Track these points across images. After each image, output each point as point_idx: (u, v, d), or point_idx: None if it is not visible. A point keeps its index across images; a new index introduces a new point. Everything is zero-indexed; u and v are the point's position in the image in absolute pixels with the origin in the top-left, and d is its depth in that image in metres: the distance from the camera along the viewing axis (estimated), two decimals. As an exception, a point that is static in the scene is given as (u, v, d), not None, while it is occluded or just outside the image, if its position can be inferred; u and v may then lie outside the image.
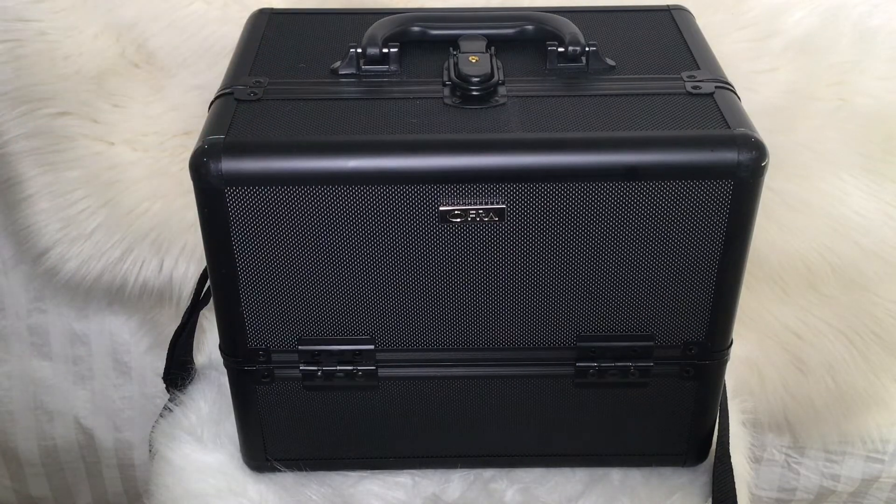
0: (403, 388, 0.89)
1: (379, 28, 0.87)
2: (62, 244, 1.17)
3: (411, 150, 0.76)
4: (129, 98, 1.15)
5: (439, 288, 0.81)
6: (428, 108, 0.80)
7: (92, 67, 1.13)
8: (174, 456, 0.97)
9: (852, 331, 1.20)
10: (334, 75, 0.85)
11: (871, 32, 1.11)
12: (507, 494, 0.95)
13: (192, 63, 1.13)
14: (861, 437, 1.30)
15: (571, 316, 0.84)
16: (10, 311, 1.32)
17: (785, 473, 1.36)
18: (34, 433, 1.40)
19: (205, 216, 0.77)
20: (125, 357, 1.34)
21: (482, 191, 0.76)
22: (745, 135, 0.76)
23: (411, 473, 0.96)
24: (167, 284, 1.20)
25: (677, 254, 0.79)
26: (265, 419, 0.90)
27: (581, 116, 0.79)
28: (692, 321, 0.84)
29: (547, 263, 0.80)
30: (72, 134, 1.14)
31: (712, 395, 0.90)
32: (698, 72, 0.85)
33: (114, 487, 1.46)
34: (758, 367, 1.22)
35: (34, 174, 1.15)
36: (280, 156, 0.75)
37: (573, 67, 0.85)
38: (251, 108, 0.81)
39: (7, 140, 1.14)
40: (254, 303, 0.82)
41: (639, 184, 0.76)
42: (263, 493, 0.94)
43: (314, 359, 0.86)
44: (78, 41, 1.13)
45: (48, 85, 1.13)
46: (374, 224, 0.78)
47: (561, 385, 0.88)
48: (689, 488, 0.94)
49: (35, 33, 1.12)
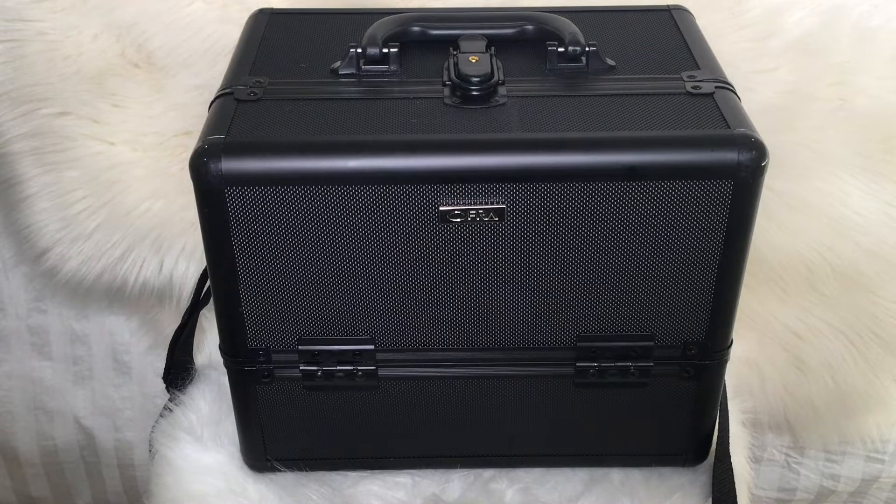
0: (403, 388, 0.89)
1: (379, 28, 0.87)
2: (62, 244, 1.17)
3: (411, 150, 0.76)
4: (129, 98, 1.15)
5: (439, 288, 0.81)
6: (428, 108, 0.80)
7: (92, 67, 1.13)
8: (174, 456, 0.97)
9: (852, 331, 1.20)
10: (334, 75, 0.85)
11: (871, 32, 1.11)
12: (507, 494, 0.95)
13: (192, 63, 1.13)
14: (861, 437, 1.30)
15: (571, 316, 0.84)
16: (10, 311, 1.32)
17: (785, 473, 1.36)
18: (34, 433, 1.40)
19: (205, 216, 0.77)
20: (125, 357, 1.34)
21: (482, 191, 0.76)
22: (745, 135, 0.76)
23: (411, 473, 0.96)
24: (167, 284, 1.20)
25: (677, 254, 0.79)
26: (265, 419, 0.90)
27: (581, 116, 0.79)
28: (692, 321, 0.84)
29: (547, 263, 0.80)
30: (72, 134, 1.14)
31: (712, 395, 0.90)
32: (698, 72, 0.85)
33: (114, 487, 1.46)
34: (758, 367, 1.22)
35: (34, 174, 1.15)
36: (280, 156, 0.75)
37: (573, 67, 0.85)
38: (251, 108, 0.81)
39: (7, 140, 1.14)
40: (254, 303, 0.82)
41: (639, 184, 0.76)
42: (263, 493, 0.93)
43: (314, 359, 0.86)
44: (78, 41, 1.13)
45: (48, 85, 1.13)
46: (374, 224, 0.77)
47: (561, 385, 0.88)
48: (689, 488, 0.94)
49: (35, 33, 1.12)
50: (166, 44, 1.13)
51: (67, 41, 1.13)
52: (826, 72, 1.12)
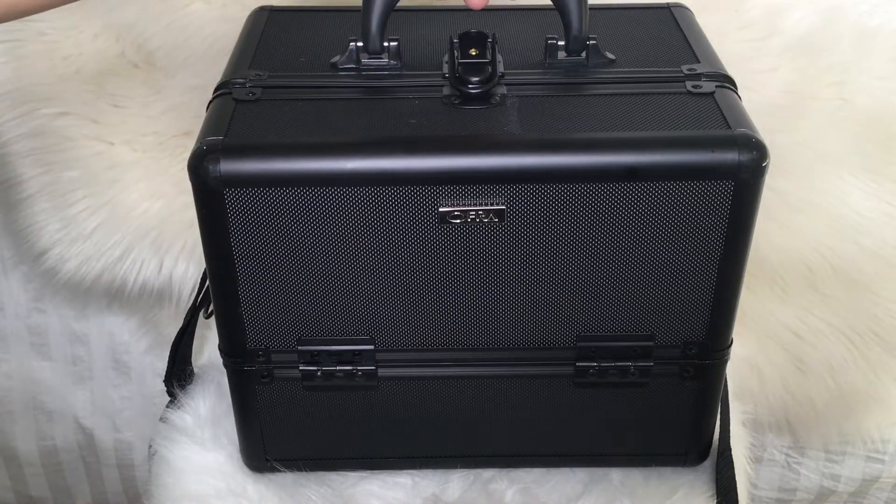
0: (403, 388, 0.89)
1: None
2: (62, 244, 1.17)
3: (411, 151, 0.76)
4: (129, 98, 1.15)
5: (439, 288, 0.81)
6: (427, 107, 0.80)
7: (92, 67, 1.13)
8: (174, 456, 0.97)
9: (852, 331, 1.20)
10: (334, 69, 0.85)
11: (871, 32, 1.11)
12: (507, 494, 0.95)
13: (191, 63, 1.13)
14: (861, 437, 1.30)
15: (571, 316, 0.83)
16: (10, 311, 1.32)
17: (785, 473, 1.36)
18: (34, 433, 1.40)
19: (203, 217, 0.77)
20: (125, 357, 1.34)
21: (482, 192, 0.76)
22: (746, 135, 0.75)
23: (411, 473, 0.96)
24: (167, 284, 1.20)
25: (677, 254, 0.79)
26: (265, 419, 0.90)
27: (581, 117, 0.79)
28: (692, 321, 0.84)
29: (547, 264, 0.80)
30: (72, 134, 1.14)
31: (712, 394, 0.90)
32: (698, 65, 0.85)
33: (113, 487, 1.46)
34: (758, 367, 1.22)
35: (34, 174, 1.15)
36: (279, 157, 0.75)
37: (573, 61, 0.85)
38: (250, 108, 0.81)
39: (7, 140, 1.15)
40: (253, 303, 0.82)
41: (639, 184, 0.76)
42: (263, 494, 0.93)
43: (314, 359, 0.86)
44: (78, 41, 1.13)
45: (48, 85, 1.13)
46: (373, 225, 0.77)
47: (561, 385, 0.88)
48: (690, 488, 0.94)
49: (35, 33, 1.12)
50: (166, 44, 1.13)
51: (67, 41, 1.13)
52: (826, 72, 1.12)
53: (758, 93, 1.10)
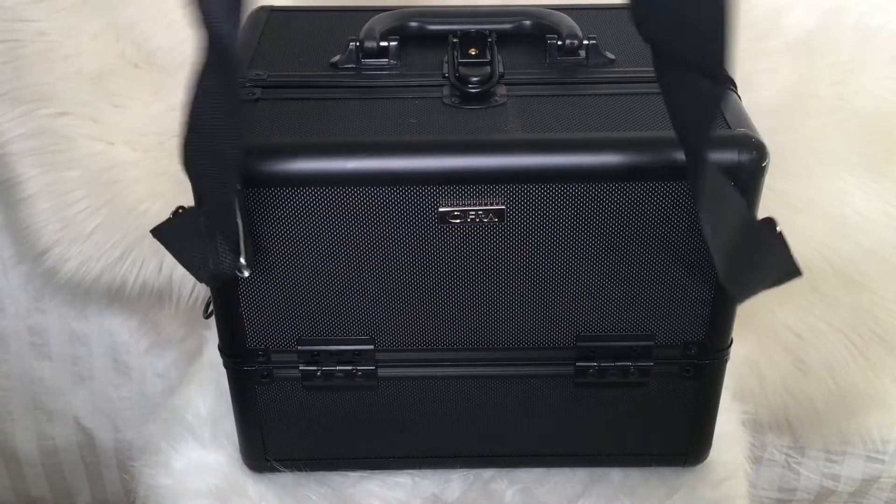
0: (403, 388, 0.89)
1: (377, 22, 0.87)
2: (62, 244, 1.17)
3: (410, 151, 0.76)
4: (129, 98, 1.15)
5: (439, 288, 0.81)
6: (427, 107, 0.80)
7: (92, 67, 1.13)
8: (174, 456, 0.97)
9: (853, 331, 1.20)
10: (334, 69, 0.85)
11: (871, 32, 1.11)
12: (507, 494, 0.95)
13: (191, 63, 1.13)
14: (861, 438, 1.30)
15: (571, 316, 0.83)
16: (10, 311, 1.32)
17: (785, 474, 1.36)
18: (34, 433, 1.40)
19: (203, 217, 0.77)
20: (125, 357, 1.34)
21: (481, 192, 0.76)
22: (746, 135, 0.75)
23: (411, 473, 0.96)
24: (167, 284, 1.20)
25: (677, 254, 0.79)
26: (265, 419, 0.90)
27: (581, 116, 0.79)
28: (692, 321, 0.84)
29: (546, 264, 0.80)
30: (72, 134, 1.14)
31: (712, 394, 0.90)
32: None
33: (113, 487, 1.46)
34: (758, 367, 1.22)
35: (34, 174, 1.15)
36: (278, 157, 0.75)
37: (572, 61, 0.85)
38: (249, 109, 0.80)
39: (7, 140, 1.14)
40: (253, 303, 0.82)
41: (639, 184, 0.76)
42: (263, 493, 0.93)
43: (313, 359, 0.86)
44: (78, 41, 1.13)
45: (48, 85, 1.13)
46: (373, 225, 0.77)
47: (561, 385, 0.88)
48: (690, 488, 0.94)
49: (35, 33, 1.12)
50: (166, 44, 1.13)
51: (67, 41, 1.13)
52: (826, 72, 1.12)
53: (758, 93, 1.10)
